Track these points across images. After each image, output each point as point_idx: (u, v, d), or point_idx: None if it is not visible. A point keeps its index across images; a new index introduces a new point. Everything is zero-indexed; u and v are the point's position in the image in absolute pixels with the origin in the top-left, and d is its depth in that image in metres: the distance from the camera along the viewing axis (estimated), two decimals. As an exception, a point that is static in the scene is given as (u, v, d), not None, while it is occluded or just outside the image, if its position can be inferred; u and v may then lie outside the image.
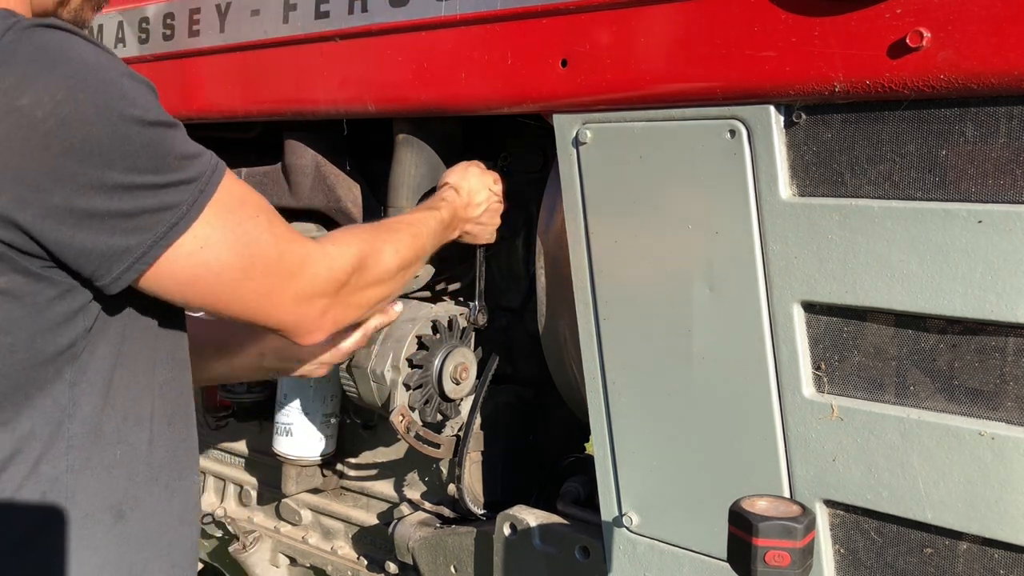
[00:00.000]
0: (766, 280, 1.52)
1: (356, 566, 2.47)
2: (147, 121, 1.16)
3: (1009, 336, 1.34)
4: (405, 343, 2.03)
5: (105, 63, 1.17)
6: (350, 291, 1.46)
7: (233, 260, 1.26)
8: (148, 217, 1.16)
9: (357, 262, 1.47)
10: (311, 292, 1.37)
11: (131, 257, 1.17)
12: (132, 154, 1.14)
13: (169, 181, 1.18)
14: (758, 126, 1.49)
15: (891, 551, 1.50)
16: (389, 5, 1.93)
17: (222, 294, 1.28)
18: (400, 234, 1.66)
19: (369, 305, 1.56)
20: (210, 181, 1.22)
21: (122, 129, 1.14)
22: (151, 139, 1.17)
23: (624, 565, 1.79)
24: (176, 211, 1.18)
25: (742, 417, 1.59)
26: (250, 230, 1.28)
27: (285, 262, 1.33)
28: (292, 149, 2.39)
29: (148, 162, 1.16)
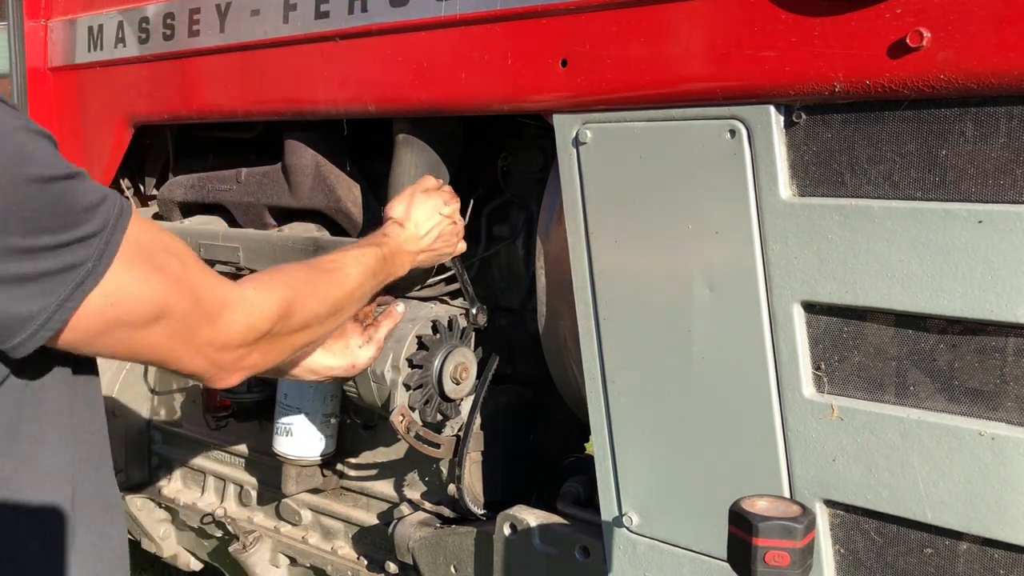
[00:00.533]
0: (766, 280, 1.52)
1: (356, 566, 2.47)
2: (46, 177, 1.08)
3: (1009, 336, 1.34)
4: (405, 343, 2.03)
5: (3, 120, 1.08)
6: (270, 339, 1.36)
7: (145, 311, 1.18)
8: (50, 280, 1.08)
9: (280, 309, 1.37)
10: (227, 340, 1.29)
11: (34, 324, 1.09)
12: (31, 216, 1.06)
13: (72, 239, 1.10)
14: (758, 126, 1.49)
15: (891, 551, 1.50)
16: (389, 5, 1.93)
17: (134, 344, 1.20)
18: (333, 275, 1.57)
19: (292, 351, 1.46)
20: (115, 229, 1.14)
21: (20, 190, 1.06)
22: (51, 197, 1.09)
23: (624, 565, 1.80)
24: (81, 269, 1.10)
25: (742, 417, 1.59)
26: (163, 276, 1.20)
27: (201, 308, 1.25)
28: (292, 149, 2.39)
29: (48, 221, 1.08)
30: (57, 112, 2.91)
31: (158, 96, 2.55)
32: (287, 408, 2.31)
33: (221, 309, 1.28)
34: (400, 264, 1.82)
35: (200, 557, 3.12)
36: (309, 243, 2.30)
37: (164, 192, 2.81)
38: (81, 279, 1.11)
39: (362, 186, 2.36)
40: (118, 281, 1.14)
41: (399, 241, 1.83)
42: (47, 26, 2.95)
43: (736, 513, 1.16)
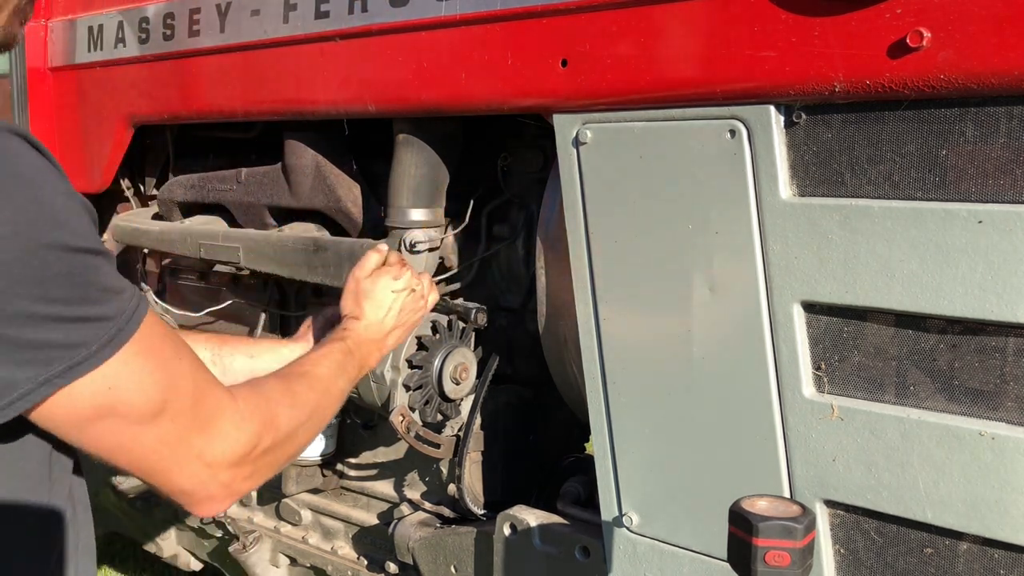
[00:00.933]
0: (766, 280, 1.52)
1: (356, 566, 2.47)
2: (72, 247, 1.06)
3: (1009, 336, 1.34)
4: (404, 344, 2.03)
5: (41, 179, 1.06)
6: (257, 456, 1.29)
7: (142, 403, 1.14)
8: (48, 352, 1.05)
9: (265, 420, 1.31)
10: (218, 453, 1.23)
11: (15, 392, 1.04)
12: (46, 282, 1.03)
13: (82, 315, 1.07)
14: (758, 126, 1.49)
15: (891, 551, 1.50)
16: (389, 5, 1.93)
17: (124, 442, 1.15)
18: (304, 379, 1.50)
19: (279, 465, 1.38)
20: (130, 319, 1.11)
21: (41, 254, 1.03)
22: (72, 267, 1.06)
23: (624, 565, 1.80)
24: (83, 350, 1.07)
25: (742, 417, 1.59)
26: (168, 373, 1.17)
27: (199, 411, 1.20)
28: (292, 149, 2.39)
29: (62, 292, 1.05)
30: (57, 112, 2.91)
31: (158, 96, 2.55)
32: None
33: (215, 417, 1.22)
34: (368, 354, 1.74)
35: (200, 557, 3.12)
36: (309, 243, 2.30)
37: (164, 192, 2.81)
38: (79, 360, 1.07)
39: (362, 186, 2.36)
40: (122, 370, 1.11)
41: (359, 333, 1.75)
42: (47, 26, 2.95)
43: (736, 513, 1.16)
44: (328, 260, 2.24)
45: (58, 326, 1.05)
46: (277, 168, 2.45)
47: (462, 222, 2.21)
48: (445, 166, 2.15)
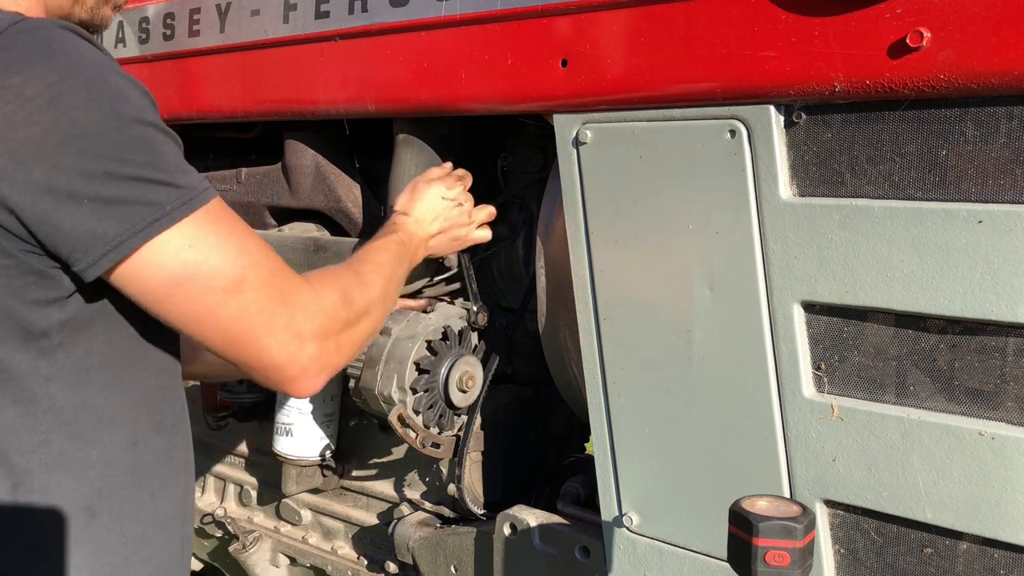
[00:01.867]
0: (766, 280, 1.52)
1: (356, 566, 2.47)
2: (142, 120, 1.16)
3: (1009, 336, 1.34)
4: (407, 363, 2.03)
5: (105, 64, 1.16)
6: (340, 330, 1.35)
7: (223, 267, 1.20)
8: (129, 208, 1.13)
9: (341, 297, 1.38)
10: (302, 326, 1.27)
11: (106, 244, 1.13)
12: (121, 144, 1.13)
13: (157, 179, 1.15)
14: (758, 126, 1.49)
15: (891, 551, 1.50)
16: (389, 5, 1.93)
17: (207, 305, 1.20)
18: (368, 264, 1.59)
19: (360, 343, 1.44)
20: (199, 196, 1.19)
21: (114, 121, 1.13)
22: (144, 137, 1.15)
23: (624, 565, 1.80)
24: (159, 208, 1.15)
25: (742, 417, 1.59)
26: (244, 243, 1.23)
27: (278, 283, 1.25)
28: (292, 149, 2.39)
29: (137, 156, 1.14)
30: (57, 112, 2.90)
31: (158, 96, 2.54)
32: (287, 408, 2.31)
33: (294, 291, 1.27)
34: (416, 249, 1.85)
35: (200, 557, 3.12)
36: (309, 243, 2.30)
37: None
38: (158, 216, 1.14)
39: (362, 186, 2.36)
40: (199, 230, 1.18)
41: (409, 227, 1.86)
42: (47, 26, 2.94)
43: (736, 513, 1.16)
44: (328, 260, 2.24)
45: (137, 185, 1.14)
46: (277, 168, 2.45)
47: (462, 222, 2.20)
48: (445, 166, 2.15)
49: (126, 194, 1.13)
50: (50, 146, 1.09)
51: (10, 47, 1.11)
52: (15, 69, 1.10)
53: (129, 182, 1.13)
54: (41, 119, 1.09)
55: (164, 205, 1.15)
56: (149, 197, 1.14)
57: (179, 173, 1.18)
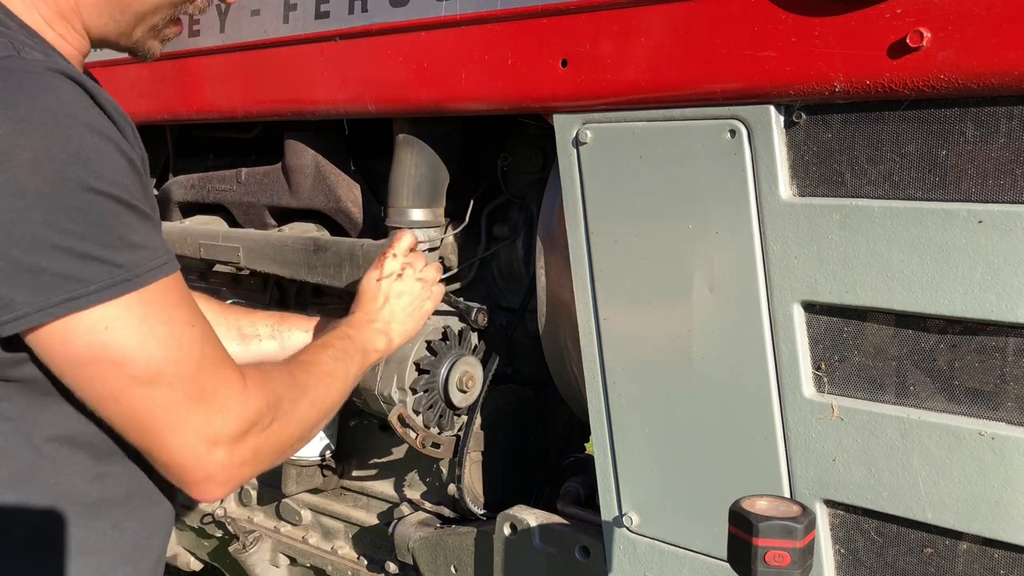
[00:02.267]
0: (766, 280, 1.52)
1: (356, 566, 2.47)
2: (92, 187, 1.07)
3: (1009, 336, 1.34)
4: (407, 364, 2.03)
5: (76, 117, 1.08)
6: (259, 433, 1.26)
7: (138, 355, 1.12)
8: (49, 280, 1.06)
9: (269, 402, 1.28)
10: (218, 429, 1.19)
11: (12, 312, 1.07)
12: (57, 211, 1.05)
13: (89, 253, 1.07)
14: (758, 126, 1.49)
15: (891, 551, 1.50)
16: (389, 5, 1.93)
17: (110, 389, 1.13)
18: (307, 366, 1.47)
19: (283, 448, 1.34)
20: (145, 274, 1.12)
21: (56, 184, 1.05)
22: (89, 206, 1.07)
23: (624, 565, 1.80)
24: (81, 285, 1.07)
25: (742, 417, 1.59)
26: (175, 334, 1.15)
27: (202, 381, 1.17)
28: (292, 149, 2.39)
29: (74, 226, 1.06)
30: (57, 112, 2.90)
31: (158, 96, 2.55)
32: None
33: (219, 390, 1.19)
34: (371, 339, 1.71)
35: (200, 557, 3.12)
36: (309, 243, 2.30)
37: (164, 192, 2.82)
38: (77, 294, 1.08)
39: (362, 186, 2.36)
40: (123, 317, 1.11)
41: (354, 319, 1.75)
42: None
43: (736, 513, 1.16)
44: (328, 260, 2.24)
45: (63, 257, 1.06)
46: (277, 168, 2.45)
47: (462, 222, 2.21)
48: (445, 166, 2.15)
49: (49, 265, 1.06)
50: None
51: None
52: None
53: (55, 252, 1.06)
54: None
55: (88, 283, 1.08)
56: (72, 272, 1.07)
57: (122, 249, 1.10)
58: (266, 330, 1.90)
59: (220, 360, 1.22)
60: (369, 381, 2.05)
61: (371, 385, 2.05)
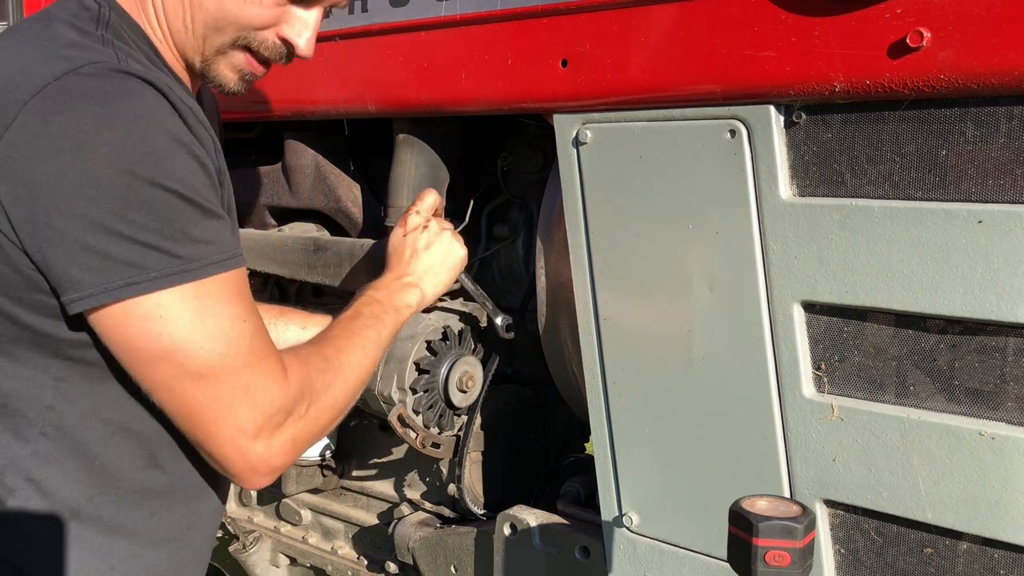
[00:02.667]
0: (766, 280, 1.52)
1: (356, 566, 2.47)
2: (159, 184, 1.16)
3: (1009, 336, 1.34)
4: (407, 363, 2.03)
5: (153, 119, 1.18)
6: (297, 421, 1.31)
7: (189, 347, 1.18)
8: (111, 264, 1.15)
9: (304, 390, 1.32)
10: (260, 422, 1.24)
11: (80, 291, 1.16)
12: (126, 202, 1.14)
13: (150, 243, 1.16)
14: (758, 126, 1.49)
15: (891, 551, 1.50)
16: (389, 5, 1.93)
17: (163, 378, 1.20)
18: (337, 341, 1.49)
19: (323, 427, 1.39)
20: (205, 267, 1.19)
21: (127, 178, 1.14)
22: (154, 200, 1.16)
23: (624, 565, 1.79)
24: (141, 272, 1.15)
25: (742, 417, 1.59)
26: (225, 328, 1.21)
27: (247, 376, 1.23)
28: (292, 149, 2.39)
29: (139, 217, 1.15)
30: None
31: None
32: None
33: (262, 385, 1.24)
34: (402, 296, 1.69)
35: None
36: (309, 243, 2.30)
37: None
38: (137, 279, 1.15)
39: (362, 186, 2.36)
40: (179, 304, 1.18)
41: (384, 281, 1.73)
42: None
43: (736, 513, 1.16)
44: (328, 260, 2.24)
45: (127, 244, 1.14)
46: (277, 168, 2.45)
47: (462, 222, 2.21)
48: (445, 166, 2.15)
49: (113, 250, 1.15)
50: (60, 187, 1.13)
51: (69, 88, 1.15)
52: (60, 108, 1.14)
53: (120, 239, 1.14)
54: (62, 160, 1.13)
55: (148, 270, 1.15)
56: (134, 259, 1.15)
57: (183, 242, 1.18)
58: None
59: (266, 354, 1.27)
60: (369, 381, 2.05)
61: (371, 385, 2.05)
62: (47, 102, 1.14)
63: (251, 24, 1.39)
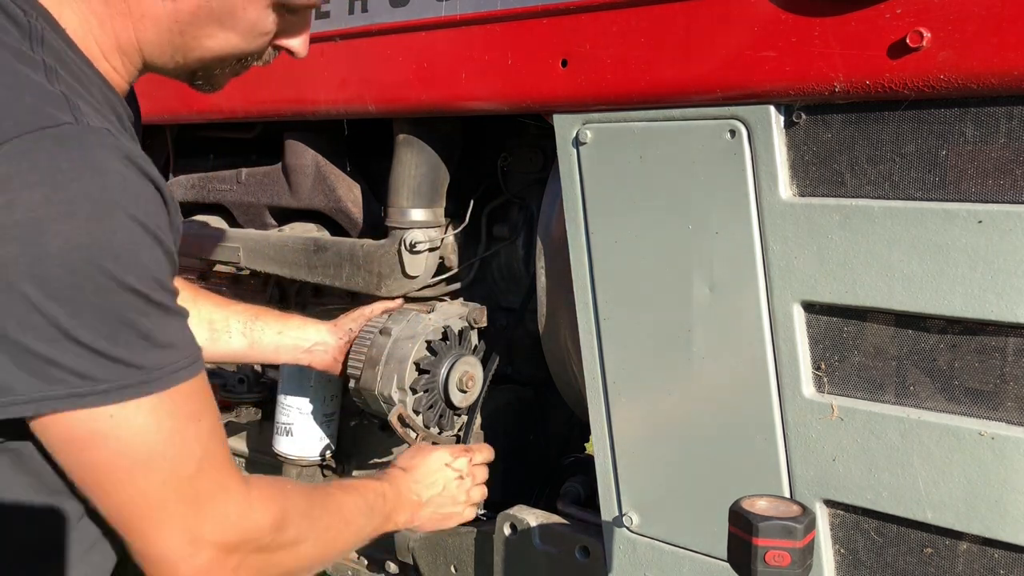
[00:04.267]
0: (766, 280, 1.52)
1: (356, 566, 2.47)
2: (120, 282, 1.02)
3: (1009, 336, 1.34)
4: (408, 363, 2.03)
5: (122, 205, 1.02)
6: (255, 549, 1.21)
7: (139, 450, 1.08)
8: (55, 372, 1.02)
9: (275, 520, 1.23)
10: (208, 532, 1.14)
11: (12, 396, 1.02)
12: (79, 304, 1.00)
13: (103, 351, 1.03)
14: (758, 126, 1.49)
15: (891, 551, 1.50)
16: (389, 5, 1.93)
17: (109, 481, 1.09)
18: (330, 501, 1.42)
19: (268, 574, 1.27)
20: (165, 377, 1.08)
21: (79, 278, 1.00)
22: (111, 302, 1.02)
23: (624, 565, 1.79)
24: (89, 384, 1.03)
25: (742, 417, 1.59)
26: (183, 438, 1.11)
27: (198, 484, 1.13)
28: (292, 149, 2.39)
29: (92, 320, 1.01)
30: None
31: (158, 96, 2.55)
32: (287, 408, 2.31)
33: (215, 495, 1.15)
34: (400, 509, 1.65)
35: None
36: (309, 243, 2.30)
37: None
38: (82, 392, 1.03)
39: (362, 186, 2.36)
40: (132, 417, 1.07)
41: (399, 485, 1.68)
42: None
43: (736, 513, 1.16)
44: (328, 260, 2.24)
45: (77, 351, 1.02)
46: (277, 168, 2.45)
47: (462, 222, 2.21)
48: (445, 166, 2.16)
49: (59, 357, 1.01)
50: (4, 280, 0.98)
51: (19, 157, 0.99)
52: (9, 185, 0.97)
53: (70, 344, 1.01)
54: (8, 249, 0.97)
55: (98, 383, 1.03)
56: (84, 369, 1.02)
57: (145, 349, 1.06)
58: (238, 326, 1.88)
59: (222, 461, 1.18)
60: (369, 381, 2.05)
61: (371, 385, 2.04)
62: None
63: (259, 51, 1.32)
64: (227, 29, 1.25)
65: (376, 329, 2.07)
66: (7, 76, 1.06)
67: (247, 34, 1.27)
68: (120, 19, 1.21)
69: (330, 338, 2.06)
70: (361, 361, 2.06)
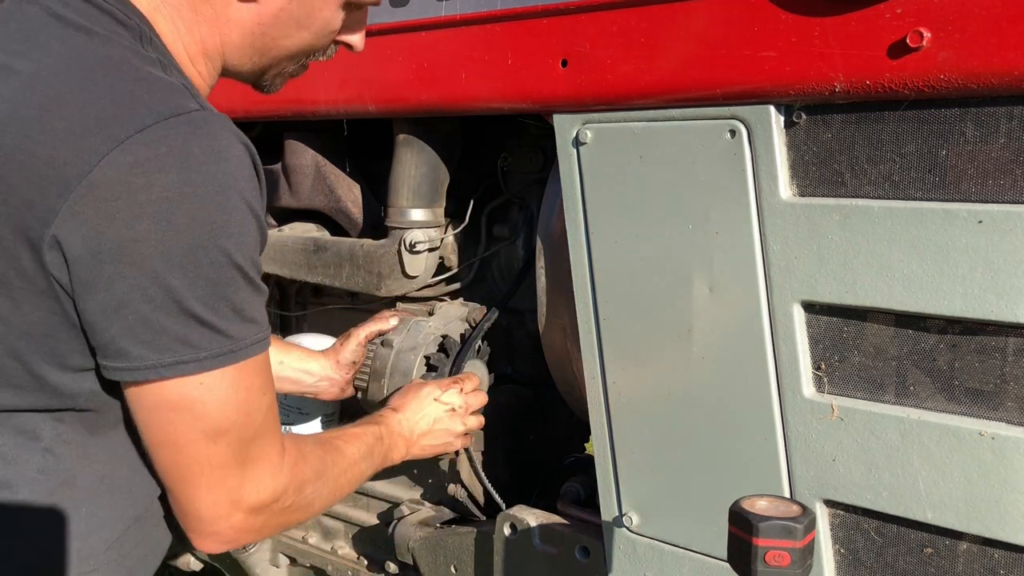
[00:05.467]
0: (766, 280, 1.52)
1: (356, 566, 2.47)
2: (231, 260, 1.13)
3: (1009, 336, 1.34)
4: (411, 377, 2.04)
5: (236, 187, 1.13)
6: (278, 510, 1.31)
7: (216, 414, 1.18)
8: (164, 340, 1.12)
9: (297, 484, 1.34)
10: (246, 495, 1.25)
11: (125, 362, 1.13)
12: (191, 275, 1.11)
13: (206, 320, 1.13)
14: (758, 126, 1.49)
15: (891, 551, 1.50)
16: (389, 5, 1.93)
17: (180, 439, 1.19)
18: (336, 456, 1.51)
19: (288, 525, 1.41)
20: (248, 348, 1.18)
21: (198, 254, 1.10)
22: (219, 276, 1.13)
23: (624, 565, 1.79)
24: (192, 351, 1.13)
25: (742, 417, 1.59)
26: (250, 400, 1.21)
27: (252, 448, 1.24)
28: (292, 149, 2.39)
29: (200, 291, 1.12)
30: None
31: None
32: (287, 409, 2.31)
33: (261, 458, 1.25)
34: (395, 447, 1.77)
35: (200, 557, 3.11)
36: (309, 243, 2.30)
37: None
38: (187, 359, 1.13)
39: (362, 186, 2.36)
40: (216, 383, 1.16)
41: (392, 424, 1.79)
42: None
43: (736, 513, 1.16)
44: (328, 260, 2.24)
45: (183, 320, 1.12)
46: (277, 168, 2.45)
47: (462, 222, 2.21)
48: (445, 166, 2.16)
49: (170, 326, 1.11)
50: (131, 255, 1.08)
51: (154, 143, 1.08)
52: (144, 168, 1.08)
53: (179, 315, 1.11)
54: (138, 227, 1.08)
55: (199, 349, 1.14)
56: (189, 337, 1.13)
57: (236, 321, 1.16)
58: None
59: (272, 430, 1.28)
60: (376, 394, 2.07)
61: (378, 397, 2.06)
62: (130, 157, 1.07)
63: (324, 48, 1.41)
64: (303, 28, 1.34)
65: (378, 340, 2.11)
66: (131, 70, 1.15)
67: (319, 32, 1.36)
68: (207, 25, 1.29)
69: (335, 374, 2.12)
70: (366, 374, 2.09)
